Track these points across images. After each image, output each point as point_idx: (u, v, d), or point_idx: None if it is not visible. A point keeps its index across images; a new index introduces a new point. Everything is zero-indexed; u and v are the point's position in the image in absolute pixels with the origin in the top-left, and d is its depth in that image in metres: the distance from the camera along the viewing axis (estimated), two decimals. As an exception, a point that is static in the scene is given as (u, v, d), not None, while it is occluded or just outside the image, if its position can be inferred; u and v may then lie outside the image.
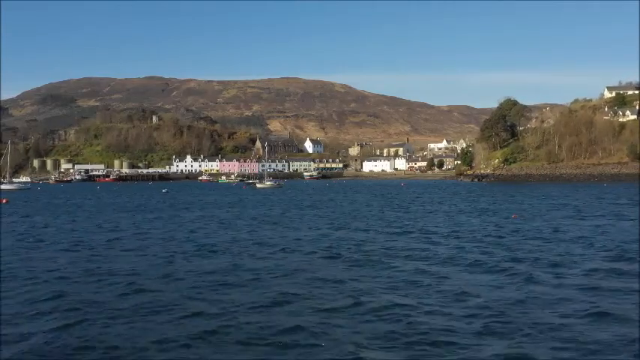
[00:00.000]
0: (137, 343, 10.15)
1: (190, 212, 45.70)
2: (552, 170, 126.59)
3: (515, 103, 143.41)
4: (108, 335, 10.65)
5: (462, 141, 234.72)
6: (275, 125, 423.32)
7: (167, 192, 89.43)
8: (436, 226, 30.80)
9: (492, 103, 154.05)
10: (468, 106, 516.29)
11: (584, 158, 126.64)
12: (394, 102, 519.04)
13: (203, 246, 23.11)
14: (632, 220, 33.35)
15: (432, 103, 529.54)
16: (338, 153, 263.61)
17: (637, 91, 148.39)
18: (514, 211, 41.34)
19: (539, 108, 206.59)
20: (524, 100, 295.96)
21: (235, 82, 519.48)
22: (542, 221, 33.47)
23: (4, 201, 60.38)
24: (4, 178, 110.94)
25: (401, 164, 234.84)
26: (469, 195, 70.68)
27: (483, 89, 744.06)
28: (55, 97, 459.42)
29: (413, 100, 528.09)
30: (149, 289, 14.48)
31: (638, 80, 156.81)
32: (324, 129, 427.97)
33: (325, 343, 10.04)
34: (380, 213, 41.96)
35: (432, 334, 10.45)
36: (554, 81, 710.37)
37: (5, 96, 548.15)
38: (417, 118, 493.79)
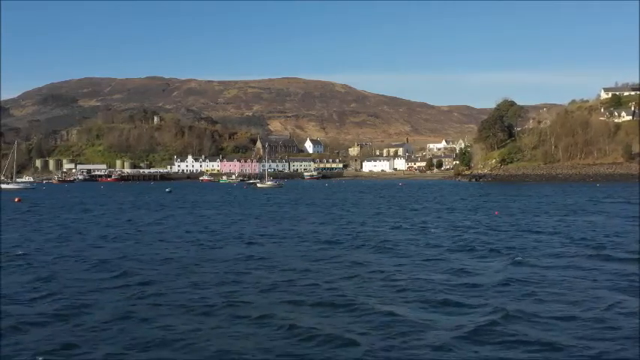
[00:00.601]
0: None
1: (222, 209, 48.86)
2: (548, 170, 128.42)
3: (512, 104, 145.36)
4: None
5: (461, 141, 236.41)
6: (275, 125, 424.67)
7: (170, 191, 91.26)
8: (424, 222, 33.79)
9: (492, 104, 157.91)
10: (468, 106, 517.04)
11: (580, 158, 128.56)
12: (394, 102, 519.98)
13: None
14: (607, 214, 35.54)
15: (432, 103, 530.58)
16: (338, 153, 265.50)
17: (633, 93, 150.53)
18: (497, 209, 44.30)
19: (539, 108, 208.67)
20: (525, 101, 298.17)
21: (236, 82, 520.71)
22: (520, 217, 36.27)
23: (17, 200, 62.37)
24: (9, 178, 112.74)
25: (400, 164, 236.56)
26: (462, 194, 72.93)
27: (484, 89, 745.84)
28: (56, 97, 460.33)
29: (413, 100, 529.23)
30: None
31: (637, 81, 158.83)
32: (324, 129, 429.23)
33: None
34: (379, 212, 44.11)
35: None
36: (555, 81, 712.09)
37: (6, 96, 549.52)
38: (418, 118, 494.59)
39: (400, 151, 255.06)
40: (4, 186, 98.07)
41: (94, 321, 11.79)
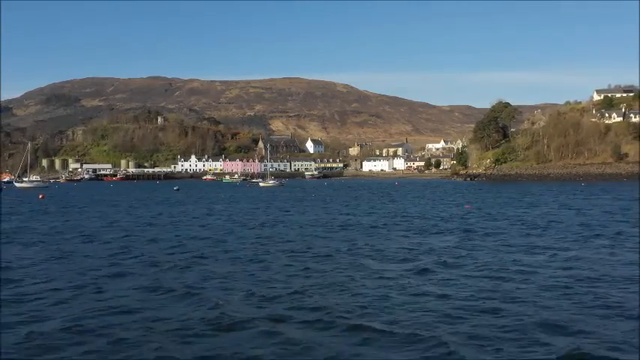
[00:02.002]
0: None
1: (243, 204, 54.27)
2: (540, 170, 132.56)
3: (506, 105, 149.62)
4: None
5: (459, 141, 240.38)
6: (277, 125, 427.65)
7: (178, 189, 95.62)
8: (405, 212, 38.97)
9: (491, 104, 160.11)
10: (469, 106, 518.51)
11: (571, 158, 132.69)
12: (396, 102, 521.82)
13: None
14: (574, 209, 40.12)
15: (433, 103, 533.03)
16: (338, 153, 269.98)
17: (624, 94, 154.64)
18: (471, 203, 50.78)
19: (540, 108, 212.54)
20: (526, 101, 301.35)
21: (238, 82, 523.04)
22: (486, 210, 42.16)
23: (40, 196, 67.11)
24: (19, 177, 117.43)
25: (399, 164, 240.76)
26: (453, 192, 77.79)
27: (485, 89, 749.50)
28: (58, 96, 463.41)
29: (414, 100, 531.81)
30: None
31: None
32: (325, 129, 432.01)
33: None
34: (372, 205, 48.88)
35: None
36: (556, 81, 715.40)
37: (9, 96, 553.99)
38: (419, 118, 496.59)
39: (399, 151, 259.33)
40: (18, 184, 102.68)
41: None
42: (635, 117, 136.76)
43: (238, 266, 18.07)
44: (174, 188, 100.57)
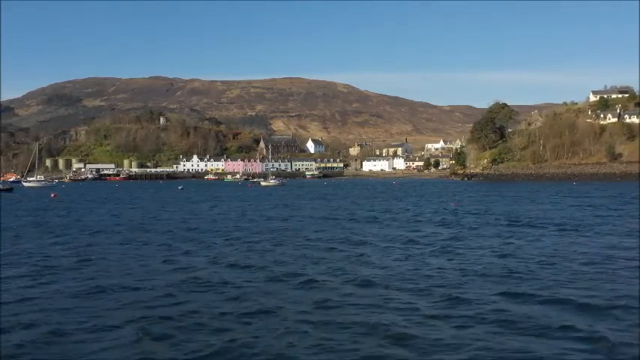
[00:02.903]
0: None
1: (259, 202, 58.00)
2: (536, 170, 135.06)
3: (503, 106, 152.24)
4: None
5: (458, 141, 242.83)
6: (278, 125, 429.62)
7: (182, 189, 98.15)
8: (390, 208, 41.72)
9: (492, 104, 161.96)
10: (470, 106, 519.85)
11: (567, 158, 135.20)
12: (397, 102, 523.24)
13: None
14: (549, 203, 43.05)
15: (434, 103, 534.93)
16: (339, 153, 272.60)
17: (620, 95, 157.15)
18: (457, 200, 55.45)
19: (541, 108, 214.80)
20: (527, 101, 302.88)
21: (239, 82, 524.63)
22: (468, 207, 45.82)
23: (53, 195, 69.96)
24: (27, 176, 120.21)
25: (399, 164, 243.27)
26: (446, 191, 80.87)
27: (485, 89, 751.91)
28: (60, 96, 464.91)
29: (415, 100, 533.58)
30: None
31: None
32: (326, 129, 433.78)
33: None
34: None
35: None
36: (557, 81, 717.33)
37: (11, 96, 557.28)
38: (419, 118, 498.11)
39: (399, 151, 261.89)
40: (26, 184, 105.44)
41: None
42: (629, 117, 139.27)
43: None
44: (179, 188, 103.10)
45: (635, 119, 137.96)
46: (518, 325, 10.88)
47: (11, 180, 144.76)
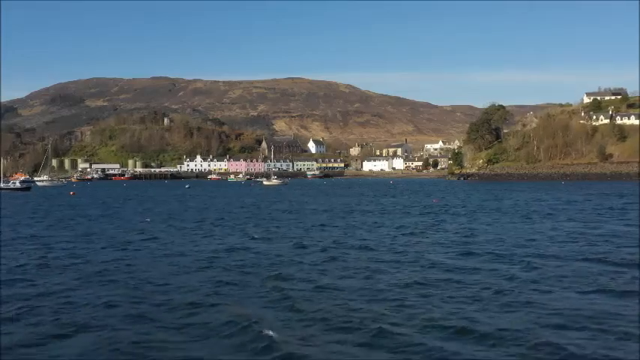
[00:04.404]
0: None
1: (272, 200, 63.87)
2: (530, 170, 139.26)
3: (499, 108, 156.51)
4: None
5: (456, 142, 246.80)
6: (280, 125, 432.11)
7: (189, 187, 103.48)
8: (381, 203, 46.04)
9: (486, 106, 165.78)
10: (471, 106, 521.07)
11: (560, 159, 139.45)
12: (398, 102, 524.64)
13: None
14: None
15: (435, 103, 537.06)
16: (340, 153, 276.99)
17: (613, 97, 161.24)
18: (439, 197, 62.21)
19: (542, 108, 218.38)
20: (528, 101, 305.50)
21: (241, 82, 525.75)
22: (448, 202, 52.47)
23: (72, 193, 74.57)
24: (40, 175, 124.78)
25: (399, 164, 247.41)
26: (437, 190, 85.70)
27: (486, 89, 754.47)
28: (63, 97, 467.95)
29: (417, 100, 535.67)
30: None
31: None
32: (328, 129, 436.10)
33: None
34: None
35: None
36: (558, 81, 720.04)
37: (14, 96, 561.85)
38: (421, 118, 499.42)
39: (399, 151, 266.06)
40: (39, 183, 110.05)
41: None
42: (620, 119, 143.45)
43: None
44: (186, 186, 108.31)
45: (626, 120, 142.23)
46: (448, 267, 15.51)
47: (21, 179, 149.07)
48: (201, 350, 10.38)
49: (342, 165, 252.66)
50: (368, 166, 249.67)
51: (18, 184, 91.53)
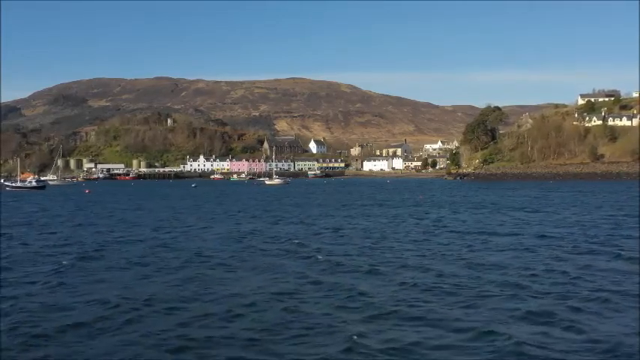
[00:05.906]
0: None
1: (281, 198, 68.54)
2: (524, 170, 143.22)
3: (494, 109, 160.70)
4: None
5: (455, 142, 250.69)
6: (282, 125, 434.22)
7: (196, 186, 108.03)
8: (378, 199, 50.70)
9: (494, 104, 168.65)
10: (472, 106, 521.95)
11: (553, 159, 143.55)
12: (399, 102, 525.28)
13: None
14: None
15: (436, 103, 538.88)
16: (340, 153, 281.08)
17: (606, 99, 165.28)
18: (426, 195, 67.90)
19: (543, 108, 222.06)
20: (528, 101, 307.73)
21: (243, 82, 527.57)
22: (432, 198, 57.87)
23: (87, 191, 78.78)
24: (51, 174, 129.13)
25: (398, 164, 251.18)
26: (430, 188, 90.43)
27: (487, 89, 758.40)
28: (66, 97, 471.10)
29: (418, 100, 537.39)
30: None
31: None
32: (329, 129, 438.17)
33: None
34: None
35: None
36: (559, 81, 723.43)
37: (17, 96, 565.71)
38: (422, 118, 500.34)
39: (399, 151, 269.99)
40: (51, 182, 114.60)
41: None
42: (612, 120, 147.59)
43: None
44: (192, 185, 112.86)
45: (618, 121, 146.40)
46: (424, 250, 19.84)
47: (29, 179, 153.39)
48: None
49: (343, 165, 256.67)
50: (368, 166, 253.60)
51: (34, 183, 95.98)
